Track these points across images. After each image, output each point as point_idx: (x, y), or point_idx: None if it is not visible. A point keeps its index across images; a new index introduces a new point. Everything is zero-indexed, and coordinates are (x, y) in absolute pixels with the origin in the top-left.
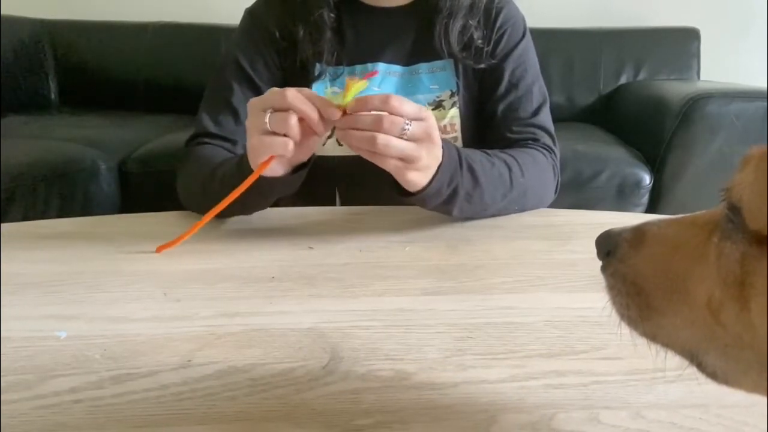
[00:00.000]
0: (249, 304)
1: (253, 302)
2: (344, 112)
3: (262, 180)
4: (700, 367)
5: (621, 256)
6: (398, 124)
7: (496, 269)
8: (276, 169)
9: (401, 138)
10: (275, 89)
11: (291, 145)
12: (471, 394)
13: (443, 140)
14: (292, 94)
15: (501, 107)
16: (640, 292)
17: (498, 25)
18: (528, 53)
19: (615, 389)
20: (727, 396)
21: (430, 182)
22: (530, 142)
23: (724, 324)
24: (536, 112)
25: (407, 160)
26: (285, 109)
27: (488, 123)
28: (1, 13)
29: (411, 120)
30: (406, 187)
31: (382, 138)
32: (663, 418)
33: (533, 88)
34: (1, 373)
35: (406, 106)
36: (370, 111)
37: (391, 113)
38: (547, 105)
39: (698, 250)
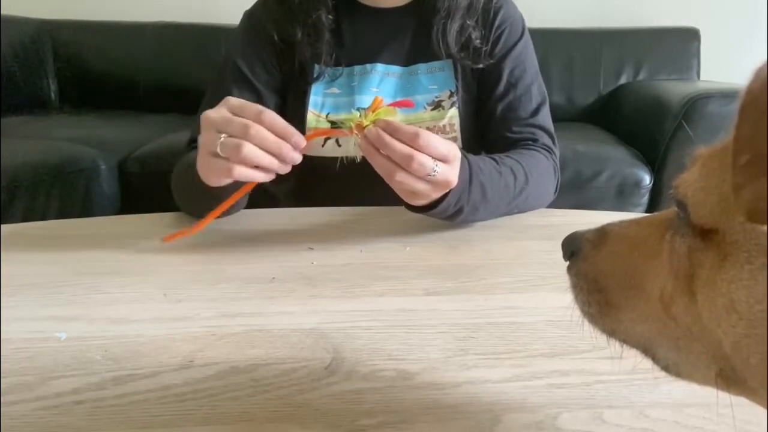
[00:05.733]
0: (250, 305)
1: (254, 303)
2: (361, 127)
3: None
4: (655, 360)
5: (584, 256)
6: (427, 168)
7: (497, 269)
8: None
9: (424, 179)
10: (233, 101)
11: (236, 171)
12: (474, 394)
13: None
14: (255, 131)
15: (500, 107)
16: (601, 289)
17: (496, 24)
18: (527, 53)
19: (618, 388)
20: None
21: (438, 204)
22: (530, 142)
23: (674, 317)
24: (535, 111)
25: (418, 195)
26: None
27: (487, 123)
28: (1, 13)
29: (438, 161)
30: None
31: (400, 176)
32: (667, 417)
33: (532, 88)
34: (2, 375)
35: (437, 144)
36: (397, 139)
37: (420, 150)
38: (547, 105)
39: (653, 247)
